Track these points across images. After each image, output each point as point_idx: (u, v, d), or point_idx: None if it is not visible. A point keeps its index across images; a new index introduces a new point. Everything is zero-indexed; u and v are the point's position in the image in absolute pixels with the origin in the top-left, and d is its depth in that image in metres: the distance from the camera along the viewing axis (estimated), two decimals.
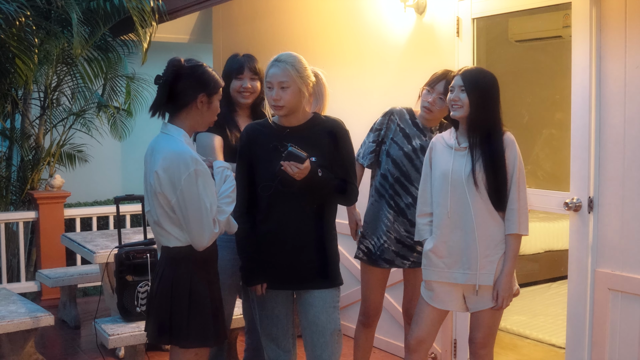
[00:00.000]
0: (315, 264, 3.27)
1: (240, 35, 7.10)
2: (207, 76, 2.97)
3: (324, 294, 3.27)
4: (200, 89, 2.94)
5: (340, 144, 3.30)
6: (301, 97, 3.22)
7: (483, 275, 3.28)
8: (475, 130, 3.28)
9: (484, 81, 3.29)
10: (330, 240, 3.33)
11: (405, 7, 4.75)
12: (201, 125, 3.03)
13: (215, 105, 3.01)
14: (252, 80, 3.76)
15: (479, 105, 3.25)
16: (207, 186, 2.86)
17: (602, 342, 3.73)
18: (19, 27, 6.16)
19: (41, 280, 6.06)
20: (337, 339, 3.29)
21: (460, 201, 3.28)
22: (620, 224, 3.65)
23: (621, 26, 3.59)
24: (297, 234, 3.23)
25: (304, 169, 3.10)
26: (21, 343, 4.56)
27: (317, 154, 3.21)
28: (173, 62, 2.96)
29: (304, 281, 3.28)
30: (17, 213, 6.83)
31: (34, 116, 7.57)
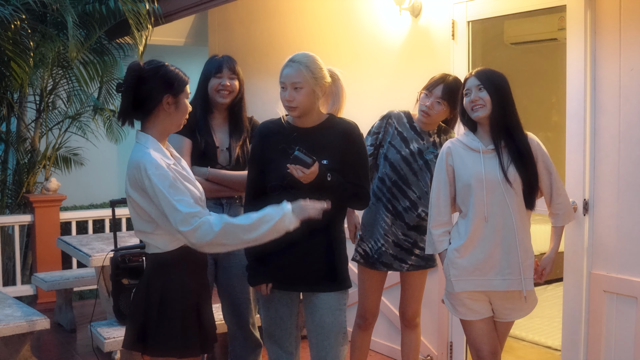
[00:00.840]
0: (323, 266, 3.22)
1: (235, 38, 7.10)
2: (171, 76, 2.84)
3: (331, 296, 3.23)
4: (164, 90, 2.81)
5: (353, 147, 3.23)
6: (315, 98, 3.18)
7: (527, 280, 3.24)
8: (499, 130, 3.23)
9: (500, 79, 3.27)
10: (339, 243, 3.28)
11: (400, 10, 4.76)
12: (172, 126, 2.90)
13: (184, 104, 2.88)
14: (231, 79, 3.74)
15: (501, 103, 3.21)
16: (172, 188, 2.72)
17: (598, 344, 3.74)
18: (15, 30, 6.17)
19: (37, 283, 6.05)
20: (342, 342, 3.26)
21: (498, 204, 3.20)
22: (615, 226, 3.66)
23: (616, 29, 3.60)
24: (305, 236, 3.09)
25: (310, 174, 3.06)
26: (17, 347, 4.55)
27: (329, 157, 3.16)
28: (132, 66, 2.85)
29: (311, 283, 3.24)
30: (12, 216, 6.82)
31: (30, 119, 7.56)
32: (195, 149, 3.66)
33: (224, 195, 3.74)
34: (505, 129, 3.24)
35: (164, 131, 2.89)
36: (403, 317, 4.03)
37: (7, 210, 7.26)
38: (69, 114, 7.68)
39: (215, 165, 3.69)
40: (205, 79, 3.75)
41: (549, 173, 3.30)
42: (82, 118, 7.79)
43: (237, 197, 3.79)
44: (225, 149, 3.72)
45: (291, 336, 3.37)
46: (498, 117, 3.21)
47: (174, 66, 2.90)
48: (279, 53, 6.34)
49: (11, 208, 7.27)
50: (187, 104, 2.90)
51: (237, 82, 3.79)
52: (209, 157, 3.68)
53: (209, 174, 3.65)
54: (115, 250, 4.43)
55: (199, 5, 6.15)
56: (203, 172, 3.64)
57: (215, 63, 3.77)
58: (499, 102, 3.21)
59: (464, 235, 3.24)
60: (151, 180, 2.69)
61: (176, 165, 2.85)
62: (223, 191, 3.73)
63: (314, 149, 3.13)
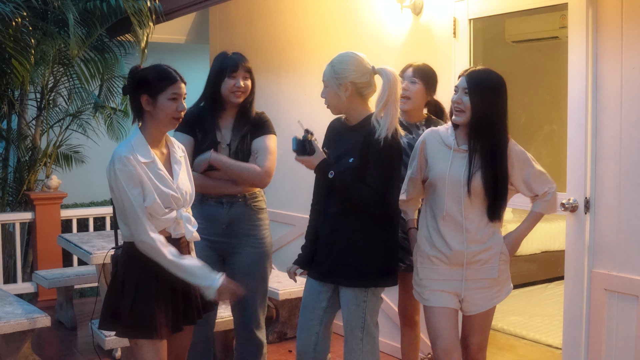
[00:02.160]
0: (344, 260, 3.29)
1: (236, 36, 7.10)
2: (151, 76, 2.98)
3: (350, 292, 3.31)
4: (140, 91, 2.96)
5: (372, 147, 3.21)
6: (338, 98, 3.26)
7: (488, 268, 3.27)
8: (477, 136, 3.17)
9: (490, 84, 3.16)
10: (363, 240, 3.27)
11: (402, 8, 4.75)
12: (160, 125, 3.02)
13: (162, 104, 2.96)
14: (245, 79, 3.71)
15: (483, 110, 3.13)
16: (133, 186, 2.89)
17: (599, 343, 3.74)
18: (16, 27, 6.16)
19: (38, 281, 6.06)
20: (359, 336, 3.30)
21: (456, 204, 3.21)
22: (616, 225, 3.66)
23: (617, 27, 3.60)
24: (332, 228, 3.32)
25: (304, 162, 3.25)
26: (17, 344, 4.56)
27: (354, 155, 3.23)
28: (132, 69, 3.05)
29: (335, 275, 3.34)
30: (13, 214, 6.82)
31: (31, 117, 7.56)
32: (196, 146, 3.66)
33: (226, 192, 3.72)
34: (484, 138, 3.16)
35: (153, 130, 3.03)
36: (402, 316, 4.03)
37: (8, 208, 7.26)
38: (70, 112, 7.68)
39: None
40: (218, 77, 3.68)
41: (528, 174, 3.25)
42: (83, 116, 7.79)
43: (241, 196, 3.74)
44: (226, 145, 3.70)
45: (314, 327, 3.41)
46: (477, 124, 3.15)
47: (166, 67, 3.02)
48: (280, 51, 6.34)
49: (12, 205, 7.27)
50: (167, 104, 2.99)
51: (250, 81, 3.75)
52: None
53: (211, 158, 3.60)
54: (116, 248, 4.42)
55: (200, 3, 6.14)
56: (205, 156, 3.62)
57: (230, 62, 3.68)
58: (481, 110, 3.13)
59: (430, 227, 3.31)
60: (116, 174, 2.88)
61: (153, 165, 2.96)
62: (224, 187, 3.70)
63: (344, 147, 3.28)
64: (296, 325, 5.53)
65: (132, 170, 2.87)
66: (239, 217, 3.75)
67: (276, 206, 6.44)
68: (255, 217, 3.81)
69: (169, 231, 3.03)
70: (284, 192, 6.27)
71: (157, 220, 2.96)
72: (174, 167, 3.07)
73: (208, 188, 3.69)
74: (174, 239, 3.06)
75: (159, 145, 3.06)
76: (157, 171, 2.96)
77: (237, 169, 3.64)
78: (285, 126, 6.33)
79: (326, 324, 3.43)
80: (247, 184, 3.70)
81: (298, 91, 6.07)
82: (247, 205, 3.77)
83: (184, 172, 3.11)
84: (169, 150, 3.10)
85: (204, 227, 3.56)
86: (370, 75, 3.29)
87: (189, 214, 3.12)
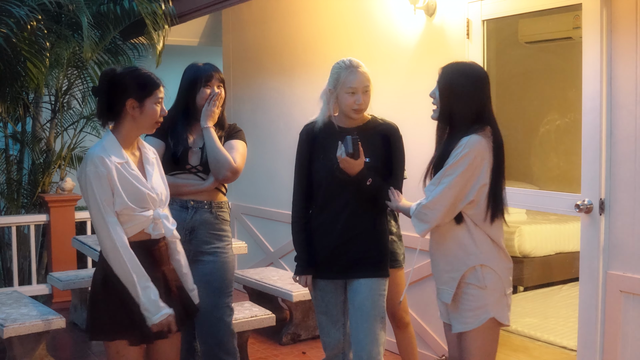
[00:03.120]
0: (364, 254, 3.41)
1: (249, 38, 7.11)
2: (137, 80, 2.98)
3: (371, 282, 3.40)
4: (128, 94, 2.95)
5: (394, 148, 3.44)
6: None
7: (443, 291, 3.11)
8: (441, 132, 3.10)
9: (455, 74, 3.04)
10: (380, 233, 3.47)
11: (415, 9, 4.75)
12: (140, 129, 3.04)
13: (150, 109, 2.99)
14: (219, 89, 3.72)
15: (444, 101, 3.04)
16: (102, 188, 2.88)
17: (614, 345, 3.71)
18: (31, 31, 6.20)
19: (52, 283, 6.09)
20: (380, 326, 3.38)
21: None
22: (631, 226, 3.64)
23: (632, 27, 3.58)
24: (348, 225, 3.39)
25: (352, 164, 3.25)
26: (33, 345, 4.58)
27: (371, 155, 3.35)
28: (105, 71, 3.04)
29: (353, 270, 3.42)
30: (28, 216, 6.86)
31: (45, 119, 7.60)
32: (167, 151, 3.65)
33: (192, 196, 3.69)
34: (442, 131, 3.08)
35: (130, 133, 3.03)
36: (392, 319, 4.04)
37: (23, 210, 7.30)
38: (84, 114, 7.71)
39: (185, 166, 3.67)
40: (192, 87, 3.69)
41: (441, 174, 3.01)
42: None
43: (207, 202, 3.70)
44: (198, 149, 3.69)
45: (338, 323, 3.52)
46: (441, 116, 3.07)
47: (147, 71, 3.03)
48: (293, 53, 6.35)
49: (27, 208, 7.31)
50: (154, 108, 3.01)
51: (223, 90, 3.77)
52: (180, 159, 3.66)
53: (205, 129, 3.65)
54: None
55: (213, 5, 6.16)
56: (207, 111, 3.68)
57: (203, 72, 3.70)
58: (445, 100, 3.04)
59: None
60: (87, 174, 2.87)
61: (127, 165, 2.96)
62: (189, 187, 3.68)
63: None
64: (310, 327, 5.56)
65: (104, 171, 2.86)
66: (202, 224, 3.69)
67: (289, 207, 6.45)
68: (219, 227, 3.75)
69: (149, 231, 3.01)
70: None
71: (134, 220, 2.95)
72: (146, 167, 3.07)
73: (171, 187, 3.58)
74: (154, 239, 3.04)
75: (131, 147, 3.06)
76: (130, 171, 2.96)
77: (218, 151, 3.62)
78: (297, 127, 6.33)
79: (347, 315, 3.52)
80: (215, 169, 3.64)
81: (311, 92, 6.07)
82: (212, 213, 3.72)
83: (157, 173, 3.12)
84: (141, 152, 3.11)
85: None
86: None
87: (167, 213, 3.11)
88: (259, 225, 7.03)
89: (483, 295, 3.01)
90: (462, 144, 2.93)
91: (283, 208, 6.57)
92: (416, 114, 4.65)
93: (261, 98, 6.93)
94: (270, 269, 6.29)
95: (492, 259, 3.02)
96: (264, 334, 5.66)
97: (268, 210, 6.83)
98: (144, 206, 2.97)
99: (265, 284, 5.63)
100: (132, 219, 2.95)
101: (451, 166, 2.94)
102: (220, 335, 3.71)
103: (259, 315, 4.96)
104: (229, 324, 3.74)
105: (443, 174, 2.97)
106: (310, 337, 5.61)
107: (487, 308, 3.01)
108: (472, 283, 3.01)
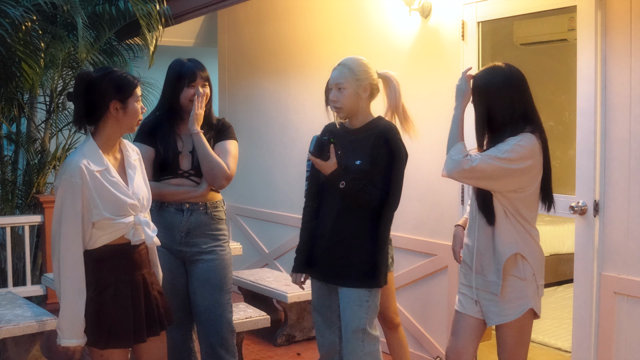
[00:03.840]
0: (347, 261, 3.35)
1: (245, 39, 7.11)
2: (117, 82, 2.95)
3: (351, 292, 3.34)
4: (110, 96, 2.92)
5: (382, 148, 3.32)
6: (357, 99, 3.35)
7: (493, 283, 3.13)
8: (480, 133, 3.16)
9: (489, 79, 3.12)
10: (368, 240, 3.34)
11: (410, 11, 4.75)
12: (122, 130, 3.01)
13: (133, 108, 2.97)
14: (204, 88, 3.65)
15: (483, 105, 3.10)
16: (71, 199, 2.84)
17: (608, 346, 3.72)
18: (25, 31, 6.18)
19: (47, 284, 6.07)
20: (360, 337, 3.32)
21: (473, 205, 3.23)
22: (626, 228, 3.65)
23: (626, 29, 3.59)
24: (334, 230, 3.35)
25: (322, 166, 3.28)
26: (27, 347, 4.57)
27: (362, 158, 3.30)
28: (81, 74, 2.98)
29: (338, 277, 3.38)
30: (22, 217, 6.84)
31: (40, 120, 7.58)
32: (157, 157, 3.62)
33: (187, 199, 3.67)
34: (488, 132, 3.14)
35: (113, 135, 3.00)
36: (383, 320, 4.04)
37: (17, 211, 7.28)
38: None
39: (177, 171, 3.65)
40: (176, 86, 3.63)
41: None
42: None
43: (202, 204, 3.69)
44: (188, 153, 3.66)
45: (333, 326, 3.49)
46: (479, 119, 3.12)
47: (122, 71, 3.01)
48: (289, 54, 6.35)
49: (21, 208, 7.29)
50: (136, 107, 2.99)
51: (209, 89, 3.70)
52: (171, 164, 3.64)
53: (194, 135, 3.59)
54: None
55: (208, 6, 6.16)
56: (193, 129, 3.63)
57: (187, 70, 3.63)
58: (481, 105, 3.11)
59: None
60: (61, 182, 2.86)
61: (106, 172, 2.92)
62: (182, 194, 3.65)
63: (352, 149, 3.33)
64: (305, 328, 5.56)
65: (78, 182, 2.82)
66: (198, 225, 3.68)
67: (285, 209, 6.45)
68: (215, 227, 3.73)
69: (128, 237, 2.98)
70: (292, 194, 6.28)
71: (113, 227, 2.92)
72: (128, 171, 3.04)
73: (167, 196, 3.64)
74: (133, 245, 3.01)
75: (113, 150, 3.02)
76: (110, 179, 2.92)
77: (212, 159, 3.58)
78: (292, 128, 6.34)
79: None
80: (210, 178, 3.62)
81: (306, 94, 6.08)
82: (208, 214, 3.70)
83: (139, 176, 3.08)
84: (123, 155, 3.07)
85: (162, 235, 3.46)
86: (377, 79, 3.43)
87: (147, 219, 3.07)
88: (254, 226, 7.03)
89: (524, 286, 3.12)
90: (519, 139, 3.01)
91: (278, 209, 6.58)
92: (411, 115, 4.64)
93: (256, 99, 6.93)
94: (265, 270, 6.29)
95: (528, 249, 3.12)
96: (258, 335, 5.65)
97: (263, 211, 6.83)
98: (123, 214, 2.93)
99: (260, 285, 5.63)
100: (112, 227, 2.92)
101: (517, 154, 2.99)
102: (222, 332, 3.70)
103: (253, 316, 4.96)
104: (229, 320, 3.74)
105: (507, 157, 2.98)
106: (305, 338, 5.61)
107: (527, 299, 3.13)
108: (514, 275, 3.12)
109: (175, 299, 3.62)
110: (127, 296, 2.97)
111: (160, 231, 3.41)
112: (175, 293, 3.65)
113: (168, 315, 3.16)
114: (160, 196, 3.61)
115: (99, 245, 2.93)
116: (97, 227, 2.89)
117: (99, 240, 2.93)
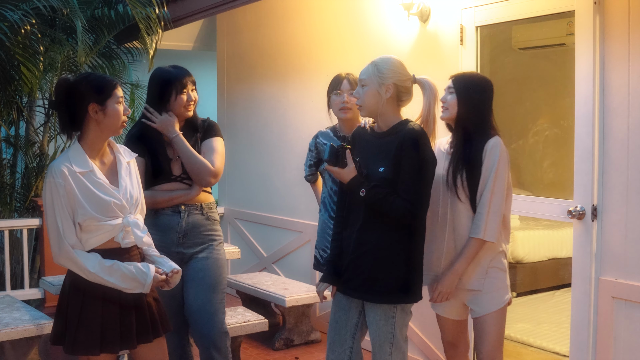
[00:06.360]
0: (372, 274, 3.16)
1: (244, 43, 7.12)
2: (94, 83, 2.96)
3: (375, 307, 3.20)
4: (87, 99, 2.93)
5: (405, 154, 3.09)
6: (379, 98, 3.16)
7: (475, 280, 3.29)
8: (459, 132, 3.30)
9: (473, 83, 3.31)
10: (393, 253, 3.15)
11: (409, 15, 4.76)
12: (106, 132, 3.02)
13: (112, 109, 2.97)
14: (193, 92, 3.72)
15: (465, 107, 3.26)
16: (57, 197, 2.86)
17: (606, 350, 3.72)
18: (24, 35, 6.19)
19: (45, 287, 6.06)
20: (388, 351, 3.19)
21: (447, 204, 3.30)
22: (624, 232, 3.65)
23: (625, 34, 3.60)
24: (359, 241, 3.18)
25: (336, 173, 3.19)
26: (25, 350, 4.57)
27: (386, 164, 3.12)
28: (60, 81, 2.99)
29: (359, 291, 3.22)
30: (21, 220, 6.83)
31: (39, 123, 7.58)
32: (148, 166, 3.65)
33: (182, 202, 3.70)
34: (465, 133, 3.28)
35: (97, 139, 3.01)
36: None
37: (16, 214, 7.28)
38: None
39: (170, 177, 3.67)
40: (165, 94, 3.65)
41: (485, 179, 3.18)
42: None
43: (198, 206, 3.73)
44: (177, 157, 3.68)
45: (345, 344, 3.32)
46: (459, 120, 3.29)
47: (101, 73, 3.02)
48: (287, 58, 6.36)
49: (19, 212, 7.29)
50: (116, 108, 2.99)
51: (196, 92, 3.77)
52: (164, 172, 3.67)
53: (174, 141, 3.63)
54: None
55: (207, 10, 6.16)
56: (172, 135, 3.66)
57: (176, 77, 3.65)
58: (463, 107, 3.27)
59: (427, 233, 3.30)
60: (46, 186, 2.86)
61: (91, 174, 2.92)
62: (176, 198, 3.68)
63: (376, 154, 3.18)
64: (303, 332, 5.56)
65: (61, 182, 2.84)
66: (195, 226, 3.72)
67: (283, 213, 6.45)
68: (211, 227, 3.78)
69: (118, 240, 2.97)
70: (291, 198, 6.28)
71: (101, 229, 2.91)
72: (120, 173, 3.04)
73: (162, 203, 3.67)
74: (124, 249, 3.01)
75: (99, 154, 3.03)
76: (95, 180, 2.92)
77: (195, 160, 3.61)
78: (291, 132, 6.35)
79: (358, 340, 3.34)
80: (196, 177, 3.65)
81: (305, 98, 6.09)
82: (204, 215, 3.75)
83: (130, 178, 3.08)
84: (115, 158, 3.08)
85: (158, 239, 3.49)
86: (411, 83, 3.25)
87: (137, 220, 3.04)
88: (252, 230, 7.03)
89: (504, 277, 3.31)
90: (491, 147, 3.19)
91: (276, 213, 6.58)
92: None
93: (255, 103, 6.93)
94: (264, 274, 6.29)
95: (503, 242, 3.32)
96: (256, 339, 5.65)
97: (261, 215, 6.83)
98: (109, 215, 2.93)
99: (258, 289, 5.63)
100: (99, 229, 2.91)
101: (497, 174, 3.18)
102: (214, 333, 3.69)
103: (251, 320, 4.95)
104: (222, 320, 3.73)
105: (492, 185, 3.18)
106: (303, 342, 5.60)
107: (507, 290, 3.33)
108: (496, 266, 3.28)
109: (173, 302, 3.64)
110: (115, 302, 2.96)
111: (156, 234, 3.42)
112: (173, 297, 3.65)
113: (164, 322, 3.14)
114: (155, 204, 3.64)
115: (88, 249, 2.93)
116: (84, 229, 2.89)
117: (87, 244, 2.92)
